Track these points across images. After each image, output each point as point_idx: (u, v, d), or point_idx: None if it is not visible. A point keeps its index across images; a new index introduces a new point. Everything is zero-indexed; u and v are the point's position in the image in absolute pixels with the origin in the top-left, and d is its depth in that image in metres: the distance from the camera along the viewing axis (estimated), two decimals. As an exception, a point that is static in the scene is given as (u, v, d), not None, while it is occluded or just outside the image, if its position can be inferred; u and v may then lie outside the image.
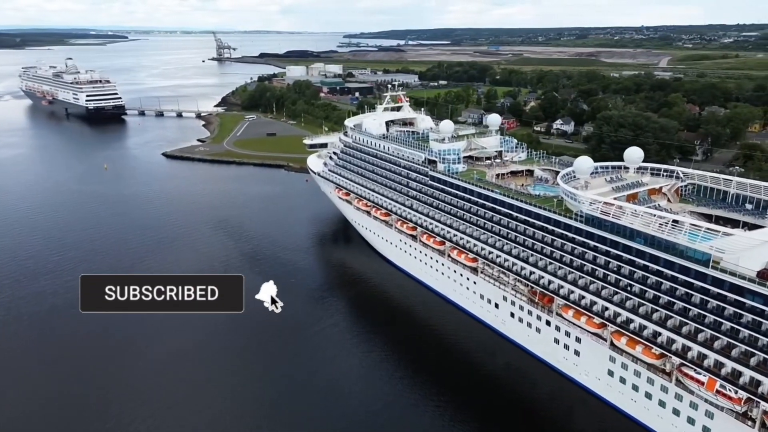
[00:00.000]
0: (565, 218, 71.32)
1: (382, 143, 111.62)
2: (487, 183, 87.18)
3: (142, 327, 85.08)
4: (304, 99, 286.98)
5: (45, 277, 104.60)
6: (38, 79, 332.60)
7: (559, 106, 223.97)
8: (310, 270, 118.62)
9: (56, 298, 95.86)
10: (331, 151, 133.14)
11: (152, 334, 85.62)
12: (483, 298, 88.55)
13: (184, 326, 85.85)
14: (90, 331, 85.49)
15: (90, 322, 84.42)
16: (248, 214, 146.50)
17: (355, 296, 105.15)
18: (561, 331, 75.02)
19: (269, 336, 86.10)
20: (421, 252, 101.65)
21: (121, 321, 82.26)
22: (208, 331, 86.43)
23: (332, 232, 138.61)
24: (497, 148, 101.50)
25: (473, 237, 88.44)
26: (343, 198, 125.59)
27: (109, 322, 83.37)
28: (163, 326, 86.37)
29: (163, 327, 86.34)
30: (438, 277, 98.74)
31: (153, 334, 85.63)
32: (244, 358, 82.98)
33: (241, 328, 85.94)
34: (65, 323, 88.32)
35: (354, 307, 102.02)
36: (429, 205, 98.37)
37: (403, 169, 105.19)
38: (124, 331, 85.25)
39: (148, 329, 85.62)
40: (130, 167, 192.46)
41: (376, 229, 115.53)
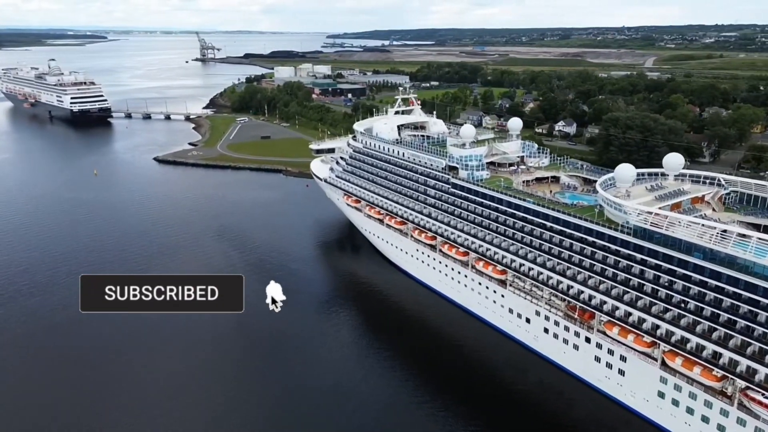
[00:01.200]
0: (610, 230, 67.08)
1: (396, 149, 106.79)
2: (516, 191, 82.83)
3: (145, 329, 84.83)
4: (296, 101, 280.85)
5: (40, 290, 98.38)
6: (19, 80, 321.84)
7: (559, 107, 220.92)
8: (317, 278, 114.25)
9: (55, 314, 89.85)
10: (338, 156, 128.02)
11: (154, 337, 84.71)
12: (512, 312, 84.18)
13: (188, 330, 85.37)
14: (93, 343, 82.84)
15: (92, 336, 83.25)
16: (249, 221, 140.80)
17: (367, 305, 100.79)
18: (603, 349, 70.86)
19: (276, 344, 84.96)
20: (441, 262, 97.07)
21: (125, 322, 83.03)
22: (213, 335, 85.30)
23: (338, 240, 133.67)
24: (519, 154, 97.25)
25: (501, 248, 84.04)
26: (352, 205, 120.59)
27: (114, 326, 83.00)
28: (165, 330, 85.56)
29: (164, 330, 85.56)
30: (460, 289, 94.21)
31: (155, 336, 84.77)
32: (249, 365, 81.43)
33: (248, 335, 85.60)
34: (65, 334, 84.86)
35: (366, 316, 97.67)
36: (450, 213, 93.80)
37: (420, 176, 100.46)
38: (129, 331, 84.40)
39: (150, 331, 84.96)
40: (121, 173, 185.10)
41: (389, 237, 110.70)
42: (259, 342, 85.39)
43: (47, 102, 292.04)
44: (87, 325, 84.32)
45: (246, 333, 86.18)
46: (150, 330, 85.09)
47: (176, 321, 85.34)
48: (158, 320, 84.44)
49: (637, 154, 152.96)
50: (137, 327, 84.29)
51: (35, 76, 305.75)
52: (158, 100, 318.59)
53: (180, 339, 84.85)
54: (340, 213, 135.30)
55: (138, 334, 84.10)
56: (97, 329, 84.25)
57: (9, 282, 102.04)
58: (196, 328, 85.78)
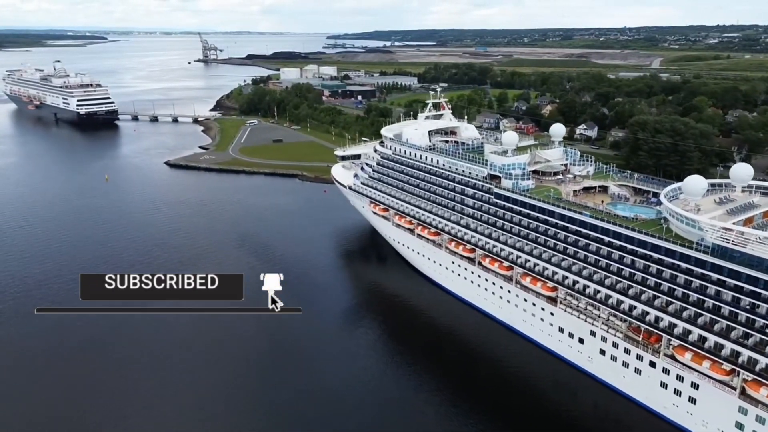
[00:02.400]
0: (683, 248, 62.14)
1: (430, 156, 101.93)
2: (568, 203, 77.90)
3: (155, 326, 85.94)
4: (306, 103, 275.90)
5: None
6: (24, 82, 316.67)
7: (579, 110, 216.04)
8: (341, 288, 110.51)
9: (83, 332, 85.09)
10: (364, 162, 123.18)
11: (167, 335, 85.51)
12: (563, 332, 79.27)
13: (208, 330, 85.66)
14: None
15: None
16: (268, 228, 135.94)
17: (397, 318, 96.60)
18: (671, 375, 65.93)
19: (296, 355, 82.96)
20: (480, 276, 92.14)
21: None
22: (230, 347, 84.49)
23: (361, 249, 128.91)
24: (563, 161, 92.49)
25: (551, 263, 79.13)
26: (379, 214, 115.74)
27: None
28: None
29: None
30: (502, 305, 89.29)
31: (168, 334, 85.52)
32: (263, 376, 79.06)
33: (267, 344, 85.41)
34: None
35: (396, 329, 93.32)
36: (492, 225, 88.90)
37: (457, 184, 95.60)
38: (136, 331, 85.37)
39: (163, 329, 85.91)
40: (132, 178, 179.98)
41: (420, 248, 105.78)
42: (278, 353, 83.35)
43: (53, 104, 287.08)
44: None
45: (265, 342, 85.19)
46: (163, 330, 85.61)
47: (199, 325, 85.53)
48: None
49: (667, 159, 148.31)
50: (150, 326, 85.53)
51: (40, 78, 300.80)
52: (165, 103, 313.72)
53: (209, 343, 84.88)
54: (362, 221, 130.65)
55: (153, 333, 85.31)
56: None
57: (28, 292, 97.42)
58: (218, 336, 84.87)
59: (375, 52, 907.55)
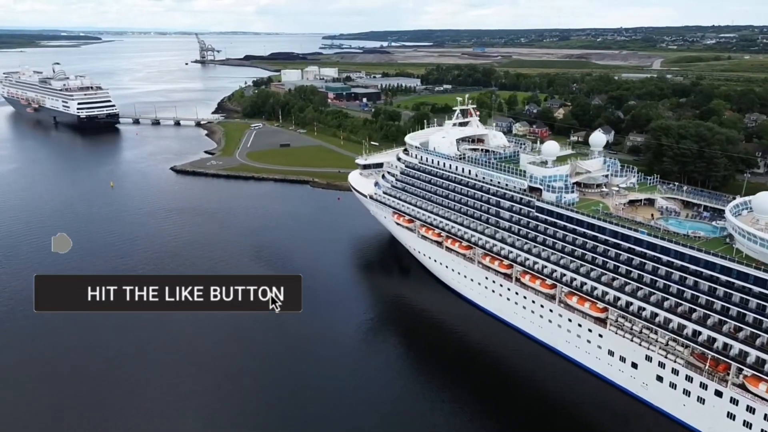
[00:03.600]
0: (760, 272, 57.63)
1: (461, 165, 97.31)
2: (621, 219, 73.35)
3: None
4: (312, 106, 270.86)
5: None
6: (22, 85, 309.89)
7: (593, 113, 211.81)
8: (361, 300, 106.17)
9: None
10: (386, 171, 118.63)
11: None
12: (612, 355, 74.77)
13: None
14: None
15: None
16: (283, 237, 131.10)
17: (422, 334, 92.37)
18: (740, 405, 61.49)
19: (313, 371, 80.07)
20: (518, 293, 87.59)
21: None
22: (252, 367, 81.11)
23: (381, 260, 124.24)
24: (603, 172, 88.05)
25: (601, 282, 74.63)
26: (403, 225, 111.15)
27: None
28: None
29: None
30: (542, 324, 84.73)
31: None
32: (280, 392, 76.04)
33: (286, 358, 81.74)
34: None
35: (423, 346, 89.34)
36: (532, 240, 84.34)
37: (492, 196, 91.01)
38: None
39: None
40: (139, 184, 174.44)
41: (449, 262, 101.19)
42: (293, 367, 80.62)
43: (52, 107, 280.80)
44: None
45: (284, 356, 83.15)
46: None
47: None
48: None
49: (693, 166, 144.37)
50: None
51: (39, 80, 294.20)
52: (166, 105, 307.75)
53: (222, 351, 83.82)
54: (380, 230, 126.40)
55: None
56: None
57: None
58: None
59: (373, 53, 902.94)
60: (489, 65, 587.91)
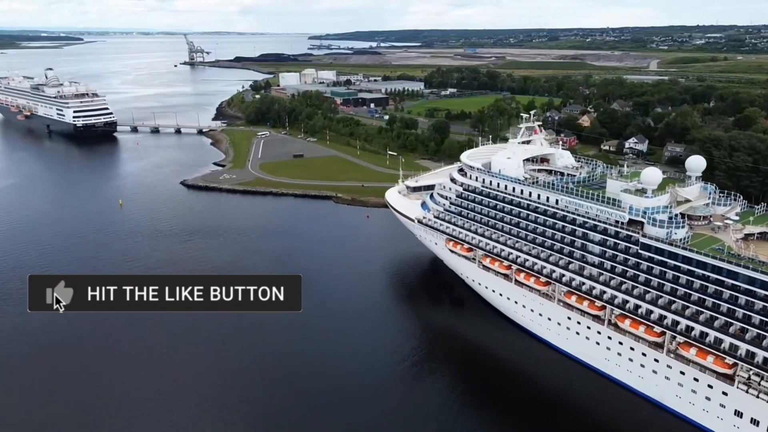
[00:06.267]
0: None
1: (535, 191, 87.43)
2: (754, 262, 63.68)
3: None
4: (321, 112, 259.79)
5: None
6: (12, 91, 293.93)
7: (622, 121, 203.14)
8: (410, 331, 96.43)
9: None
10: (437, 192, 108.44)
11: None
12: (740, 416, 65.22)
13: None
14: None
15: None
16: (313, 262, 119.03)
17: (487, 377, 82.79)
18: None
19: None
20: (612, 338, 77.79)
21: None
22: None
23: (426, 288, 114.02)
24: (704, 201, 78.68)
25: (729, 334, 64.97)
26: (460, 253, 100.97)
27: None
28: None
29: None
30: (644, 375, 74.93)
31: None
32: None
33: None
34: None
35: (488, 389, 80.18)
36: (631, 279, 74.59)
37: (577, 227, 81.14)
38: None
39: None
40: (149, 202, 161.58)
41: (520, 297, 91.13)
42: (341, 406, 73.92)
43: (45, 115, 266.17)
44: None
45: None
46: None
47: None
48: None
49: (748, 181, 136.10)
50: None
51: (31, 86, 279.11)
52: (163, 111, 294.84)
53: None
54: (420, 253, 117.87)
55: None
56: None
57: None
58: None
59: (365, 54, 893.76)
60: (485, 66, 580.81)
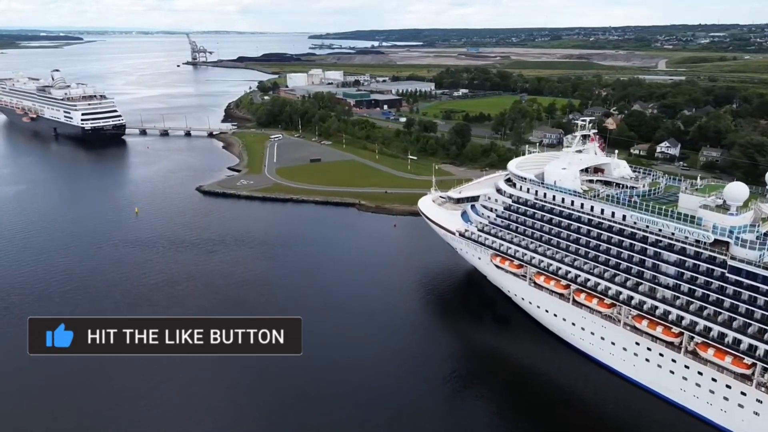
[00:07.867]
0: None
1: (598, 205, 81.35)
2: None
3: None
4: (335, 115, 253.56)
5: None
6: (17, 93, 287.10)
7: (650, 124, 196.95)
8: (449, 352, 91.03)
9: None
10: (481, 204, 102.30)
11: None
12: None
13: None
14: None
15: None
16: (343, 275, 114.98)
17: (541, 403, 77.02)
18: None
19: None
20: (690, 368, 71.66)
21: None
22: None
23: (464, 304, 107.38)
24: (788, 217, 72.45)
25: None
26: (509, 270, 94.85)
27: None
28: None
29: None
30: (727, 408, 68.89)
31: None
32: None
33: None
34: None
35: (543, 418, 74.46)
36: (715, 304, 68.48)
37: (649, 246, 74.99)
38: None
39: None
40: (165, 210, 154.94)
41: (580, 320, 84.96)
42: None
43: (52, 117, 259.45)
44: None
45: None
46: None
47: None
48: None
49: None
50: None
51: (37, 88, 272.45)
52: (171, 113, 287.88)
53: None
54: (455, 265, 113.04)
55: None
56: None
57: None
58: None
59: (369, 54, 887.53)
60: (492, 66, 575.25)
